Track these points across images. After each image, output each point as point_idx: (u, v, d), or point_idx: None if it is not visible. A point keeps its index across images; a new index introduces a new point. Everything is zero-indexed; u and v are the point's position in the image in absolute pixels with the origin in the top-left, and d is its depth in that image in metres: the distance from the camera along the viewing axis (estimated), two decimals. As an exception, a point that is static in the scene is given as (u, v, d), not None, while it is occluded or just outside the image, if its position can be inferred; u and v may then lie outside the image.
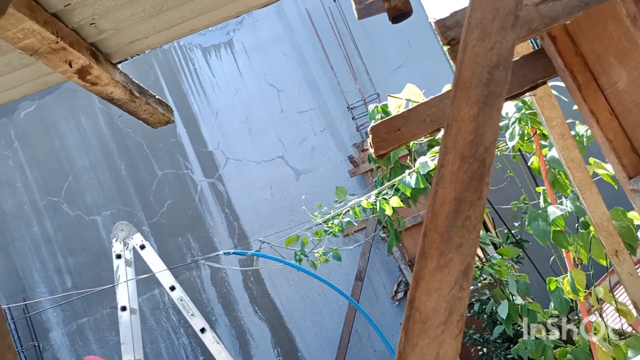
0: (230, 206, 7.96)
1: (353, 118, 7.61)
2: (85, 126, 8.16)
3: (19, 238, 8.18)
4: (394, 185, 4.32)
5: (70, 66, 2.09)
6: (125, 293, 5.67)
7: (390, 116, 2.39)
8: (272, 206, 7.84)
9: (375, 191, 4.43)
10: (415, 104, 3.46)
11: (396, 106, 3.98)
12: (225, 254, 5.53)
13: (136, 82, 2.54)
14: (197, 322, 5.82)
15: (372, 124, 4.52)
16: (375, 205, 4.32)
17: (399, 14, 1.98)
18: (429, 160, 3.93)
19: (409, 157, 4.61)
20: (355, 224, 4.85)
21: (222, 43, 8.04)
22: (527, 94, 2.61)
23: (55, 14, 1.96)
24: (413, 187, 3.89)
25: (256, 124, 7.93)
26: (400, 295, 7.27)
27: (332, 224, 4.69)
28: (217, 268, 7.62)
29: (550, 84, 2.83)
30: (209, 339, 5.74)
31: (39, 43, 1.90)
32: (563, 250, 3.55)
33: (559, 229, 3.48)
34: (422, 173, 3.93)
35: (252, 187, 7.91)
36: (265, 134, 7.89)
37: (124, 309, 5.70)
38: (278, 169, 7.85)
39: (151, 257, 5.87)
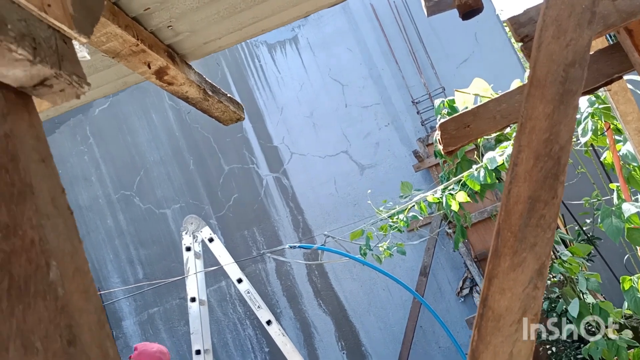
0: (295, 200, 8.05)
1: (418, 112, 7.56)
2: (155, 122, 8.43)
3: (94, 230, 8.54)
4: (460, 180, 4.28)
5: (149, 67, 2.18)
6: (195, 284, 5.84)
7: (460, 112, 2.38)
8: (336, 201, 7.88)
9: (442, 186, 4.40)
10: (484, 99, 3.42)
11: (463, 101, 3.94)
12: (291, 247, 5.62)
13: (209, 81, 2.63)
14: (263, 314, 5.94)
15: (439, 119, 4.49)
16: (442, 200, 4.29)
17: (470, 11, 1.97)
18: (497, 156, 3.88)
19: (476, 152, 4.55)
20: (420, 218, 4.84)
21: (287, 39, 8.13)
22: (602, 88, 2.54)
23: (136, 17, 2.05)
24: (482, 182, 3.85)
25: (320, 119, 7.99)
26: (465, 291, 7.19)
27: (397, 218, 4.69)
28: (282, 261, 7.73)
29: (625, 77, 2.75)
30: (275, 331, 5.85)
31: (120, 46, 2.00)
32: (638, 248, 3.44)
33: (633, 226, 3.38)
34: (489, 168, 3.88)
35: (317, 182, 7.97)
36: (330, 129, 7.94)
37: (193, 300, 5.88)
38: (342, 163, 7.88)
39: (219, 249, 6.02)
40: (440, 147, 2.33)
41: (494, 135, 4.24)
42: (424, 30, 7.63)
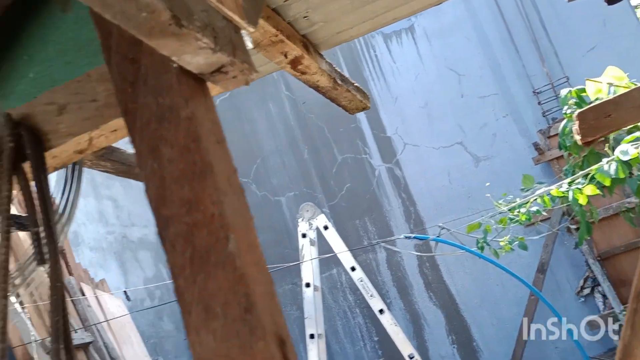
0: (407, 191, 8.02)
1: (539, 103, 7.27)
2: (272, 112, 8.67)
3: (213, 215, 8.92)
4: (588, 174, 4.08)
5: (285, 57, 2.26)
6: (310, 270, 5.98)
7: (600, 101, 2.28)
8: (449, 192, 7.77)
9: (568, 180, 4.22)
10: (619, 89, 3.24)
11: (595, 91, 3.75)
12: (406, 237, 5.62)
13: (338, 70, 2.67)
14: (376, 303, 5.98)
15: (565, 110, 4.31)
16: (567, 194, 4.11)
17: (618, -6, 1.88)
18: (630, 147, 3.66)
19: (606, 144, 4.32)
20: (544, 213, 4.67)
21: (404, 29, 8.08)
22: None
23: (275, 9, 2.13)
24: (613, 176, 3.65)
25: (435, 109, 7.89)
26: (586, 291, 6.86)
27: (519, 212, 4.55)
28: (393, 252, 7.73)
29: None
30: (387, 321, 5.87)
31: (261, 36, 2.08)
32: None
33: None
34: (622, 160, 3.67)
35: (430, 173, 7.89)
36: (445, 120, 7.82)
37: (308, 285, 6.02)
38: (457, 155, 7.75)
39: (333, 237, 6.11)
40: (578, 137, 2.24)
41: (627, 127, 4.00)
42: (547, 17, 7.32)
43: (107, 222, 7.12)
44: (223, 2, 1.06)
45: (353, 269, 6.04)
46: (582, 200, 3.98)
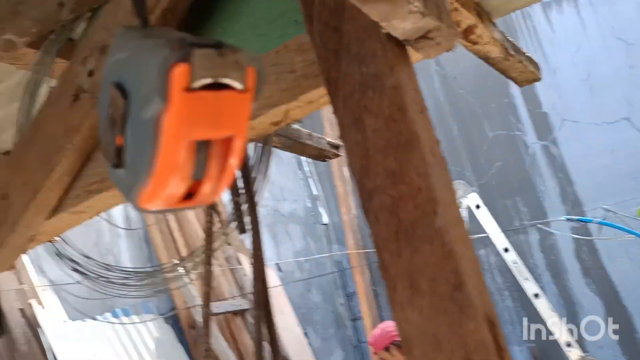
0: (564, 171, 7.55)
1: None
2: (420, 87, 8.49)
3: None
4: None
5: (459, 26, 2.15)
6: (461, 250, 5.83)
7: None
8: (613, 172, 7.18)
9: None
10: None
11: None
12: (567, 220, 5.31)
13: (511, 40, 2.52)
14: (531, 286, 5.74)
15: None
16: None
17: None
18: None
19: None
20: None
21: (565, -4, 7.55)
22: None
23: (454, -25, 2.03)
24: None
25: (599, 82, 7.30)
26: None
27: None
28: (547, 234, 7.34)
29: None
30: (542, 306, 5.63)
31: (436, 6, 2.01)
32: None
33: None
34: None
35: (590, 151, 7.34)
36: (609, 93, 7.22)
37: (458, 265, 5.88)
38: (622, 131, 7.13)
39: (486, 217, 5.93)
40: None
41: None
42: None
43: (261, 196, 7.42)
44: (429, -37, 1.01)
45: (506, 250, 5.83)
46: None
